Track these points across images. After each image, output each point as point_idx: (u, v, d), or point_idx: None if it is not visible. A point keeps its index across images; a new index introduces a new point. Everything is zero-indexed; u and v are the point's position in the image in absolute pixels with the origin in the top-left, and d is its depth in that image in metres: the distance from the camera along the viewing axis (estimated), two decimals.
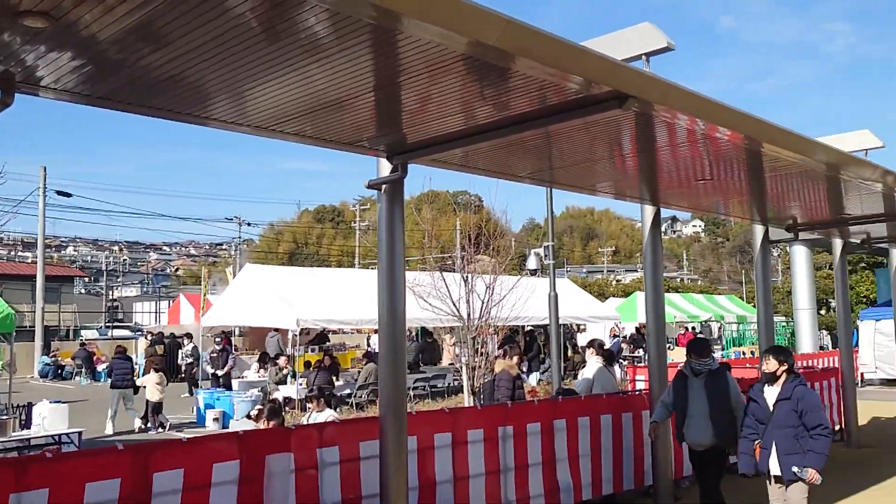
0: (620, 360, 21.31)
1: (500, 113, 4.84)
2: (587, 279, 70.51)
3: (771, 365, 6.18)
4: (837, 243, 13.02)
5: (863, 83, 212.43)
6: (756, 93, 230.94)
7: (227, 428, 14.98)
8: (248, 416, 11.12)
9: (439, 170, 10.06)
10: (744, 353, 25.19)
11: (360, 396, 17.02)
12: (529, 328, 23.12)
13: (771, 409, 6.10)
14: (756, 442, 6.19)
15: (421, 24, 3.39)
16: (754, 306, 39.98)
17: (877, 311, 21.42)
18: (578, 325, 28.17)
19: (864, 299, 40.01)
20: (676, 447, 8.13)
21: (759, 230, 10.79)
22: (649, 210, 8.58)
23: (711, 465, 7.07)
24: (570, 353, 22.71)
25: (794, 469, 5.86)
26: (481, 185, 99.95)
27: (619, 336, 26.74)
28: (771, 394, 6.16)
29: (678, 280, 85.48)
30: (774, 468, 6.06)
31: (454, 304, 14.40)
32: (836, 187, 8.22)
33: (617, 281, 71.30)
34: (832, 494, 9.06)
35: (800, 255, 23.83)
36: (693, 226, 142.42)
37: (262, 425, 7.54)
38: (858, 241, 13.64)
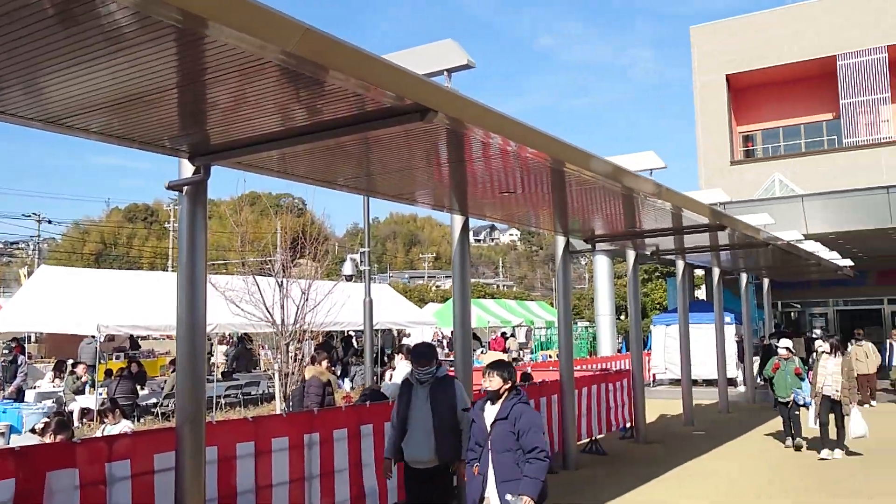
0: None
1: (309, 119, 4.84)
2: (409, 284, 71.45)
3: (494, 382, 5.49)
4: (631, 254, 14.06)
5: (661, 105, 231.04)
6: (575, 110, 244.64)
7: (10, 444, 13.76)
8: (34, 430, 10.28)
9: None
10: (550, 356, 26.53)
11: (167, 406, 16.25)
12: (348, 333, 23.11)
13: (489, 429, 5.42)
14: (474, 466, 5.49)
15: (219, 27, 3.33)
16: None
17: (668, 317, 23.26)
18: (401, 331, 28.53)
19: (658, 305, 43.53)
20: None
21: (560, 241, 11.45)
22: (458, 219, 8.86)
23: (432, 487, 6.17)
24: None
25: (508, 497, 5.18)
26: (305, 188, 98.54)
27: (439, 340, 27.31)
28: (491, 413, 5.49)
29: (494, 286, 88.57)
30: (493, 496, 5.31)
31: (268, 310, 14.13)
32: (629, 203, 8.92)
33: (437, 286, 72.83)
34: (623, 486, 9.80)
35: (602, 265, 25.47)
36: (510, 234, 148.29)
37: (48, 439, 7.00)
38: (649, 253, 14.84)
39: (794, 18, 30.35)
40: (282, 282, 14.45)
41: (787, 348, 12.77)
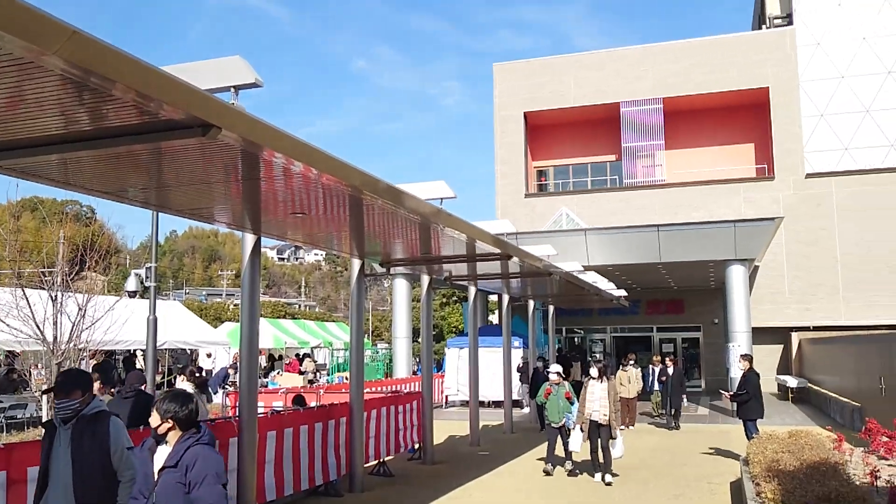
0: (227, 386, 21.02)
1: (92, 124, 4.56)
2: (205, 302, 68.50)
3: (153, 419, 4.25)
4: (425, 279, 14.44)
5: (467, 136, 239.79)
6: (386, 134, 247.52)
7: None
8: None
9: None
10: (346, 378, 26.44)
11: None
12: (133, 352, 21.75)
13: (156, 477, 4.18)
14: None
15: None
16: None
17: (461, 340, 24.04)
18: (193, 352, 27.23)
19: (455, 329, 44.93)
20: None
21: (356, 263, 11.54)
22: (250, 238, 8.69)
23: None
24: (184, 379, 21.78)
25: None
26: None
27: (236, 363, 26.33)
28: (161, 457, 4.23)
29: (296, 306, 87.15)
30: None
31: (38, 326, 12.99)
32: (420, 230, 9.18)
33: (235, 305, 70.32)
34: None
35: (400, 288, 25.90)
36: (315, 254, 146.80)
37: None
38: (443, 278, 15.31)
39: (585, 66, 32.83)
40: (56, 296, 13.35)
41: (558, 373, 12.94)
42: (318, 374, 25.62)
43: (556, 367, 13.23)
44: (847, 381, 19.38)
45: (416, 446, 14.02)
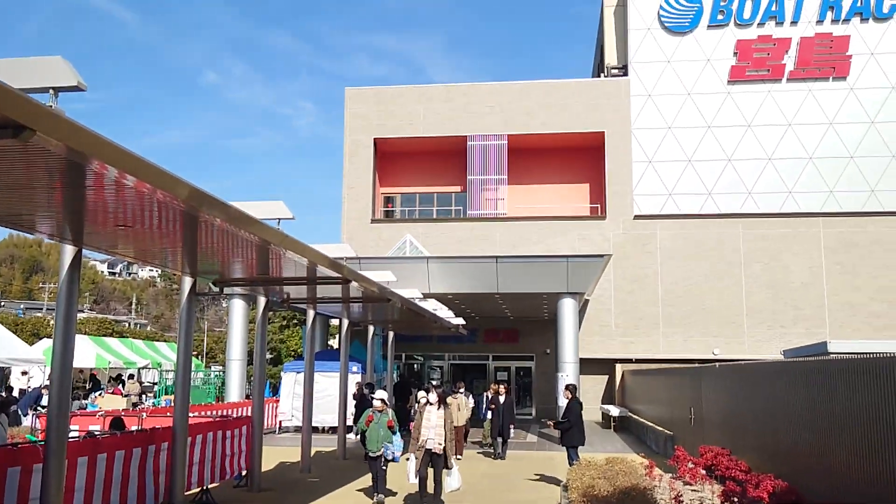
0: (39, 408, 19.52)
1: None
2: (23, 317, 63.37)
3: None
4: (261, 300, 14.11)
5: (318, 157, 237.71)
6: (235, 150, 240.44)
7: None
8: None
9: None
10: (172, 402, 25.27)
11: None
12: None
13: None
14: None
15: None
16: (196, 355, 40.24)
17: (298, 364, 23.61)
18: (4, 369, 25.04)
19: (294, 353, 44.06)
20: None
21: (187, 281, 11.11)
22: (69, 250, 8.16)
23: None
24: None
25: None
26: None
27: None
28: None
29: (126, 324, 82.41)
30: None
31: None
32: (256, 249, 8.98)
33: None
34: None
35: (237, 309, 25.15)
36: (150, 270, 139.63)
37: None
38: (280, 300, 15.02)
39: (436, 97, 33.57)
40: None
41: (382, 400, 12.42)
42: (143, 396, 24.31)
43: (381, 394, 12.63)
44: (662, 411, 20.70)
45: (244, 473, 13.58)
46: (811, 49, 31.89)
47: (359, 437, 12.91)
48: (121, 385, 26.83)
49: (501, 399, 19.07)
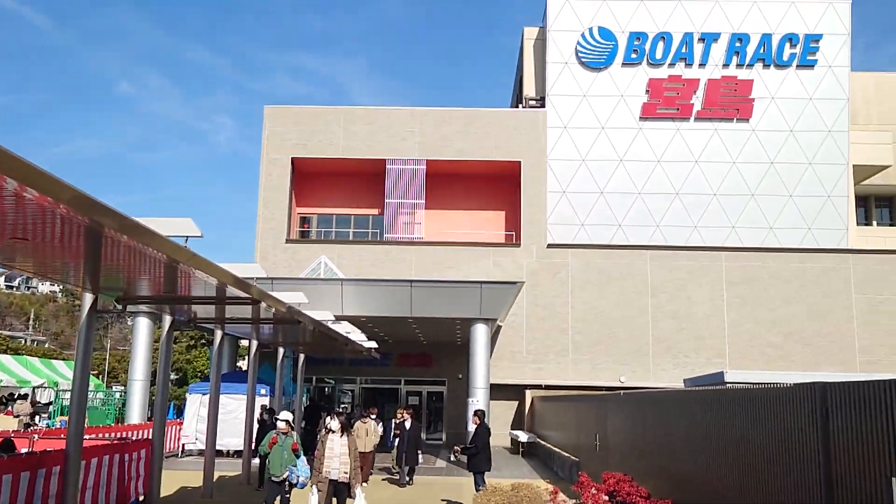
0: None
1: None
2: None
3: None
4: (167, 319, 13.73)
5: (234, 175, 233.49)
6: (149, 163, 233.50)
7: None
8: None
9: None
10: (67, 423, 24.20)
11: None
12: None
13: None
14: None
15: None
16: (97, 374, 38.63)
17: (205, 386, 22.99)
18: None
19: (201, 374, 42.86)
20: None
21: (88, 298, 10.72)
22: None
23: None
24: None
25: None
26: None
27: None
28: None
29: (23, 341, 78.52)
30: None
31: None
32: (162, 267, 8.74)
33: None
34: None
35: (142, 327, 24.35)
36: (51, 284, 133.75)
37: None
38: (187, 320, 14.64)
39: (356, 119, 33.58)
40: None
41: (287, 421, 12.03)
42: (36, 417, 23.19)
43: (285, 415, 12.21)
44: (569, 437, 21.05)
45: (141, 499, 13.10)
46: (717, 91, 33.44)
47: (260, 460, 12.19)
48: (10, 406, 25.50)
49: (408, 425, 18.78)
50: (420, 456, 18.88)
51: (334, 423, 11.42)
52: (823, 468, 6.79)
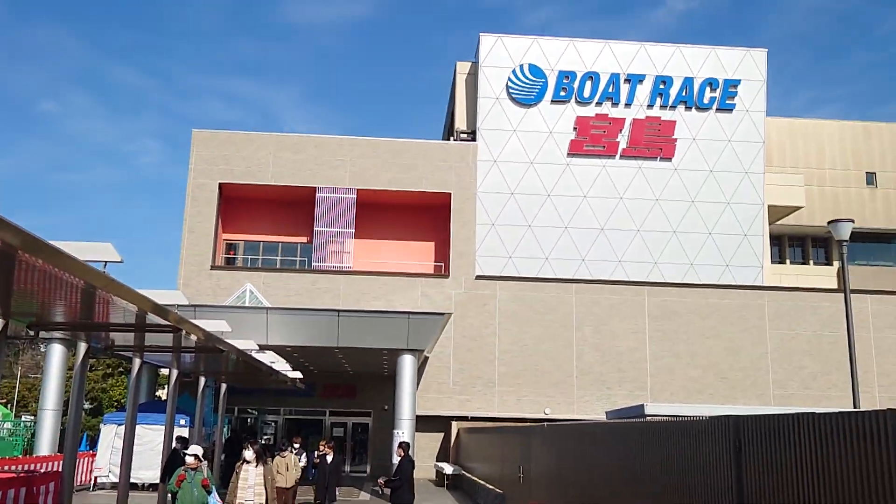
0: None
1: None
2: None
3: None
4: (82, 346, 13.24)
5: (159, 199, 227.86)
6: (71, 184, 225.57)
7: None
8: None
9: None
10: None
11: None
12: None
13: None
14: None
15: None
16: (5, 403, 36.92)
17: (120, 416, 22.18)
18: None
19: (117, 403, 41.35)
20: None
21: None
22: None
23: None
24: None
25: None
26: None
27: None
28: None
29: None
30: None
31: None
32: (83, 294, 8.46)
33: None
34: None
35: (55, 354, 23.44)
36: None
37: None
38: (103, 347, 14.16)
39: (286, 146, 33.35)
40: None
41: (196, 456, 11.32)
42: None
43: (194, 449, 11.45)
44: (494, 469, 21.08)
45: None
46: (642, 130, 34.53)
47: (172, 498, 11.27)
48: None
49: (329, 458, 18.19)
50: (337, 492, 18.37)
51: (248, 453, 11.17)
52: (736, 497, 7.00)
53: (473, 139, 34.44)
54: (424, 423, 29.42)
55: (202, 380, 21.02)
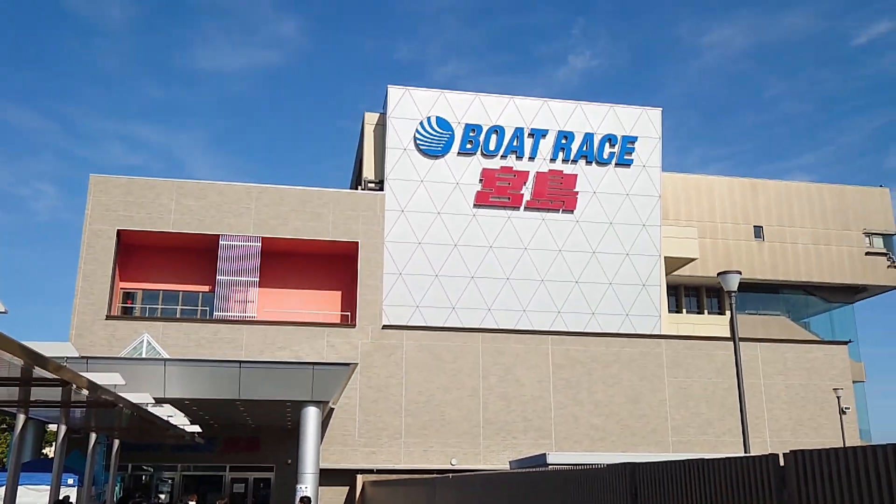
0: None
1: None
2: None
3: None
4: None
5: (53, 246, 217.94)
6: None
7: None
8: None
9: None
10: None
11: None
12: None
13: None
14: None
15: None
16: None
17: (2, 476, 20.88)
18: None
19: None
20: None
21: None
22: None
23: None
24: None
25: None
26: None
27: None
28: None
29: None
30: None
31: None
32: None
33: None
34: None
35: None
36: None
37: None
38: None
39: (188, 193, 32.64)
40: None
41: None
42: None
43: None
44: None
45: None
46: (545, 183, 35.56)
47: None
48: None
49: None
50: None
51: None
52: None
53: (381, 189, 34.64)
54: (329, 477, 28.79)
55: (93, 436, 20.02)
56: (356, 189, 37.92)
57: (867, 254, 41.98)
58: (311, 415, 22.82)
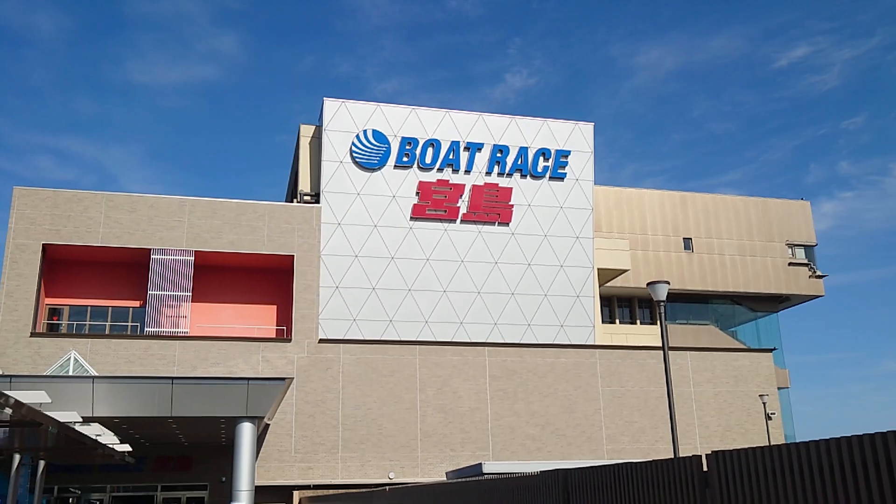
0: None
1: None
2: None
3: None
4: None
5: None
6: None
7: None
8: None
9: None
10: None
11: None
12: None
13: None
14: None
15: None
16: None
17: None
18: None
19: None
20: None
21: None
22: None
23: None
24: None
25: None
26: None
27: None
28: None
29: None
30: None
31: None
32: None
33: None
34: None
35: None
36: None
37: None
38: None
39: (118, 206, 31.86)
40: None
41: None
42: None
43: None
44: None
45: None
46: (481, 196, 35.91)
47: None
48: None
49: None
50: None
51: None
52: None
53: (317, 202, 34.44)
54: (265, 494, 28.35)
55: (17, 457, 19.33)
56: (292, 202, 37.60)
57: (790, 264, 43.60)
58: (246, 431, 22.47)
